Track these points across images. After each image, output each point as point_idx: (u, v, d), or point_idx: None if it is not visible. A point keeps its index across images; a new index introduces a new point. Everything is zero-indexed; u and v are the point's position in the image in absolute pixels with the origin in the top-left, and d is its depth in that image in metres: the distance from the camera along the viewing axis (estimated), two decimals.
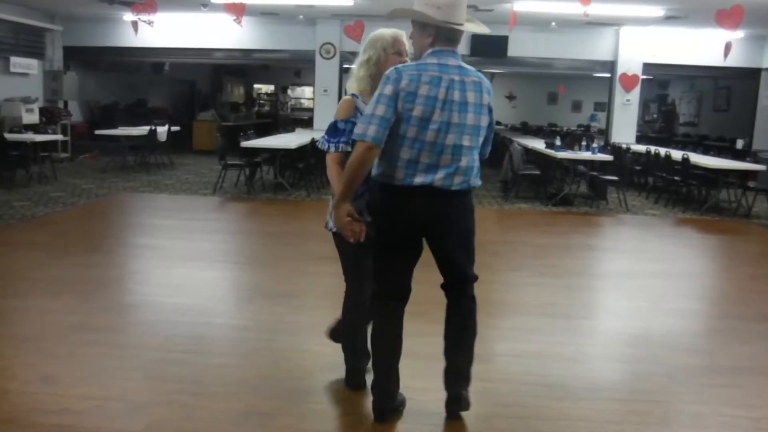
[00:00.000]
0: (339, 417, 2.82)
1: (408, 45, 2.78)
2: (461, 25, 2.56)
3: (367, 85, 2.78)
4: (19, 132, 10.30)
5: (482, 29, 2.74)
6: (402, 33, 2.81)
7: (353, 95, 2.80)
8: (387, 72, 2.52)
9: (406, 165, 2.50)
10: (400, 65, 2.56)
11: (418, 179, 2.49)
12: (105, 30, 12.87)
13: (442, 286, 2.75)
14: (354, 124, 2.63)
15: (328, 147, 2.76)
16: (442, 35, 2.54)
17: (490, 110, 2.61)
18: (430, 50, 2.54)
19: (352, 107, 2.76)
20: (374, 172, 2.59)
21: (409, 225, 2.58)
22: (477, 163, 2.62)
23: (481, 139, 2.61)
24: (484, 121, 2.58)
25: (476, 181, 2.64)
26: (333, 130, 2.77)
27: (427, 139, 2.47)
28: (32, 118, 11.39)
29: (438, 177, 2.50)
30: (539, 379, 3.24)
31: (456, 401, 2.74)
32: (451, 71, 2.50)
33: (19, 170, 9.15)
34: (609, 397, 3.13)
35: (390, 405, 2.75)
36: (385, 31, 2.82)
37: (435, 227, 2.59)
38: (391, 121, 2.45)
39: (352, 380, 3.05)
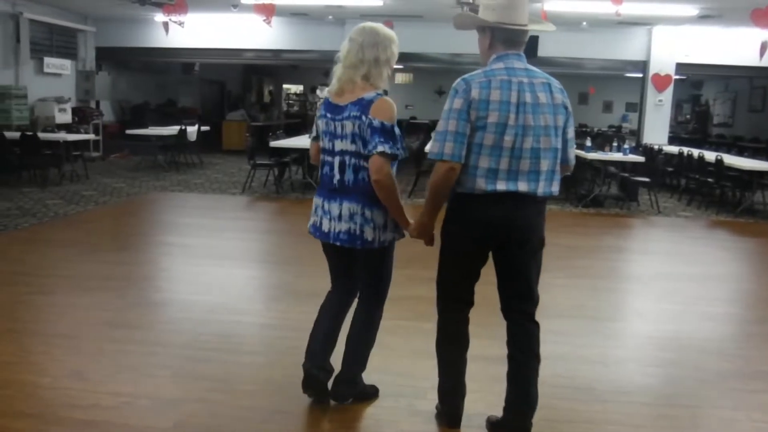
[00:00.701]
0: (366, 417, 2.81)
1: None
2: (521, 25, 2.47)
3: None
4: (52, 131, 10.56)
5: (546, 27, 2.69)
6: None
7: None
8: (455, 84, 2.43)
9: (486, 173, 2.40)
10: (466, 75, 2.44)
11: (501, 186, 2.40)
12: (136, 31, 13.12)
13: (503, 310, 2.66)
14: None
15: (393, 152, 2.52)
16: (499, 38, 2.48)
17: (566, 108, 2.50)
18: (494, 55, 2.49)
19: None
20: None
21: (487, 234, 2.49)
22: (557, 168, 2.51)
23: (559, 141, 2.49)
24: (560, 121, 2.47)
25: (555, 188, 2.53)
26: (392, 135, 2.52)
27: (505, 145, 2.38)
28: (65, 117, 11.67)
29: (521, 183, 2.42)
30: (567, 382, 3.20)
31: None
32: (519, 74, 2.43)
33: (52, 169, 9.39)
34: (638, 400, 3.08)
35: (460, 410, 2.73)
36: (389, 30, 2.65)
37: (514, 236, 2.49)
38: (467, 135, 2.37)
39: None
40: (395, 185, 2.55)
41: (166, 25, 10.21)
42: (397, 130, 2.55)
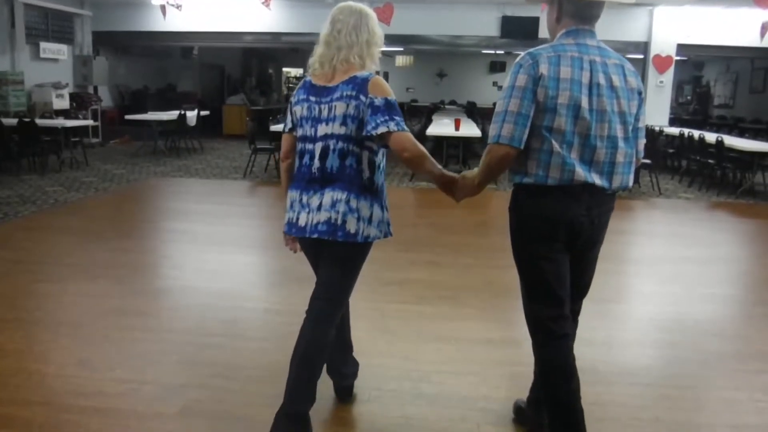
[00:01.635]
0: (370, 401, 2.83)
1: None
2: None
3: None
4: (50, 117, 10.51)
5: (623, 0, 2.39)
6: None
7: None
8: (519, 59, 2.17)
9: (560, 162, 2.12)
10: (532, 49, 2.18)
11: (578, 177, 2.13)
12: (134, 15, 13.01)
13: None
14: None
15: (402, 128, 2.31)
16: (568, 10, 2.21)
17: (640, 94, 2.26)
18: (563, 30, 2.22)
19: None
20: (516, 176, 2.24)
21: (563, 230, 2.19)
22: (633, 159, 2.27)
23: (631, 129, 2.23)
24: (634, 108, 2.22)
25: (630, 180, 2.29)
26: (397, 110, 2.33)
27: (578, 131, 2.12)
28: (63, 103, 11.61)
29: (595, 174, 2.16)
30: None
31: None
32: (592, 52, 2.17)
33: (51, 156, 9.35)
34: (641, 382, 3.10)
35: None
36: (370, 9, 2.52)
37: (587, 233, 2.23)
38: (530, 116, 2.10)
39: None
40: (424, 151, 2.31)
41: (163, 8, 10.16)
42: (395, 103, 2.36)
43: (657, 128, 11.56)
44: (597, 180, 2.16)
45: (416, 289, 4.22)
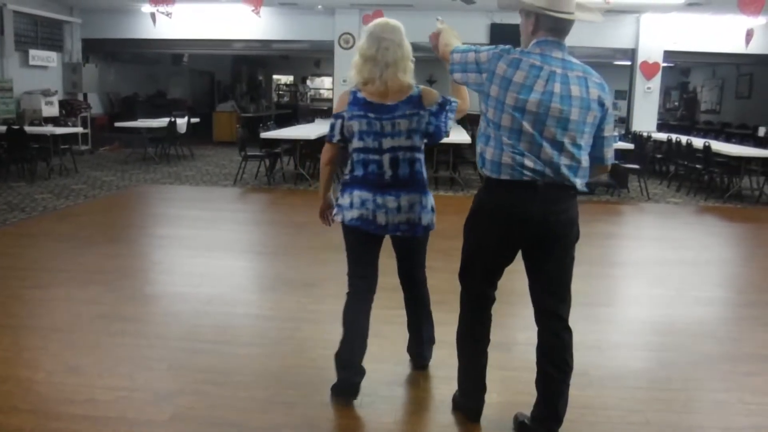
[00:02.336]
0: (362, 406, 2.83)
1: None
2: (567, 13, 2.36)
3: None
4: (39, 125, 10.46)
5: (593, 17, 2.55)
6: None
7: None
8: (501, 46, 2.39)
9: (510, 158, 2.30)
10: (507, 46, 2.39)
11: (526, 173, 2.30)
12: (123, 22, 12.99)
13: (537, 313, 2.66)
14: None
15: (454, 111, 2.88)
16: (543, 24, 2.36)
17: (602, 105, 2.35)
18: (535, 40, 2.38)
19: None
20: (478, 162, 2.45)
21: (503, 222, 2.38)
22: (584, 165, 2.36)
23: (588, 138, 2.35)
24: (592, 117, 2.33)
25: (578, 183, 2.38)
26: (444, 104, 2.80)
27: (524, 130, 2.28)
28: (52, 110, 11.55)
29: (547, 171, 2.30)
30: None
31: None
32: (554, 63, 2.31)
33: (40, 163, 9.29)
34: (632, 385, 3.11)
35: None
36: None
37: (536, 227, 2.36)
38: (472, 66, 2.42)
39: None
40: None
41: (153, 16, 10.13)
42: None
43: (645, 134, 11.66)
44: (549, 175, 2.31)
45: None
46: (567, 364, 2.50)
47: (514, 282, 4.13)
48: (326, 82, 20.55)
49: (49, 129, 9.84)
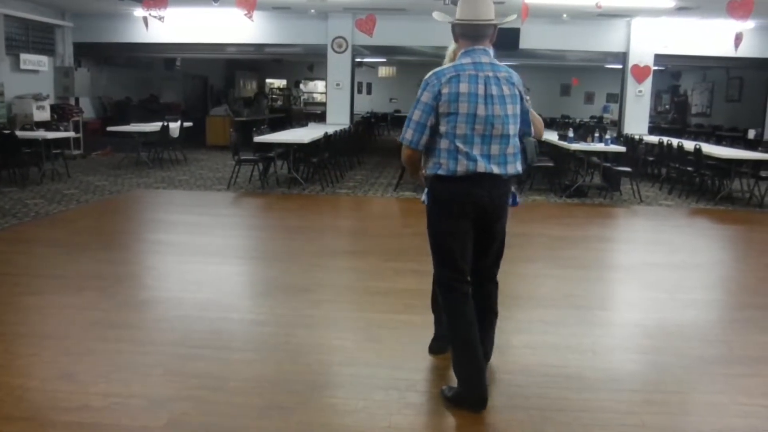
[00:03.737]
0: (358, 411, 2.83)
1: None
2: (478, 20, 2.69)
3: None
4: (31, 129, 10.38)
5: (507, 19, 2.88)
6: None
7: None
8: (427, 77, 2.72)
9: (465, 158, 2.70)
10: (438, 68, 2.72)
11: (479, 168, 2.70)
12: (116, 26, 12.95)
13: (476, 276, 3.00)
14: None
15: None
16: (461, 33, 2.73)
17: (521, 97, 2.81)
18: (462, 50, 2.74)
19: None
20: (431, 169, 2.79)
21: (470, 209, 2.77)
22: (518, 150, 2.82)
23: (516, 128, 2.80)
24: (518, 109, 2.79)
25: (520, 167, 2.83)
26: None
27: (476, 132, 2.68)
28: (44, 115, 11.49)
29: (494, 165, 2.72)
30: (557, 371, 3.24)
31: None
32: (485, 68, 2.70)
33: (31, 168, 9.24)
34: (627, 388, 3.13)
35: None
36: None
37: (490, 210, 2.79)
38: (428, 126, 2.71)
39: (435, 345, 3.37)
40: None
41: (145, 20, 10.08)
42: None
43: (637, 136, 11.72)
44: (495, 169, 2.73)
45: (402, 298, 4.23)
46: (494, 311, 3.03)
47: (508, 285, 4.16)
48: (319, 85, 20.56)
49: (41, 134, 9.76)
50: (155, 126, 11.47)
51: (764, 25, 12.04)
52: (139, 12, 10.87)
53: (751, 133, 13.12)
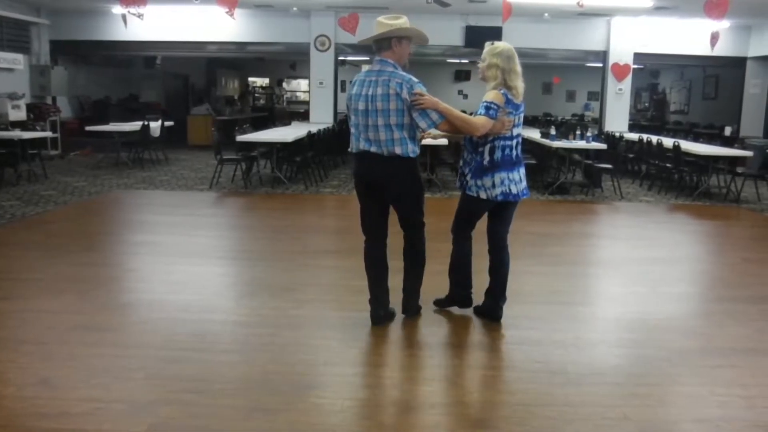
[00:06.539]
0: (344, 410, 2.82)
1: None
2: (373, 36, 3.53)
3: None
4: (6, 129, 10.18)
5: (391, 28, 3.51)
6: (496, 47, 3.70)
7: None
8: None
9: (356, 141, 3.61)
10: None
11: (363, 148, 3.57)
12: (93, 23, 12.77)
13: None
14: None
15: None
16: (374, 48, 3.60)
17: (398, 95, 3.44)
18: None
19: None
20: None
21: (361, 182, 3.68)
22: (396, 136, 3.49)
23: (395, 119, 3.46)
24: (394, 105, 3.46)
25: (399, 150, 3.50)
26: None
27: (362, 123, 3.54)
28: (19, 114, 11.25)
29: (374, 147, 3.52)
30: (541, 366, 3.27)
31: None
32: (371, 74, 3.54)
33: (7, 169, 9.05)
34: (610, 381, 3.17)
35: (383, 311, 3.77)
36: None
37: (378, 183, 3.61)
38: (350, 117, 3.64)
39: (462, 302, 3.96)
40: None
41: (124, 17, 9.95)
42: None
43: (617, 134, 11.85)
44: (374, 149, 3.53)
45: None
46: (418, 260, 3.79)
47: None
48: (302, 84, 20.43)
49: (17, 134, 9.57)
50: (135, 125, 11.33)
51: (740, 24, 12.24)
52: (117, 9, 10.70)
53: (728, 130, 13.32)
